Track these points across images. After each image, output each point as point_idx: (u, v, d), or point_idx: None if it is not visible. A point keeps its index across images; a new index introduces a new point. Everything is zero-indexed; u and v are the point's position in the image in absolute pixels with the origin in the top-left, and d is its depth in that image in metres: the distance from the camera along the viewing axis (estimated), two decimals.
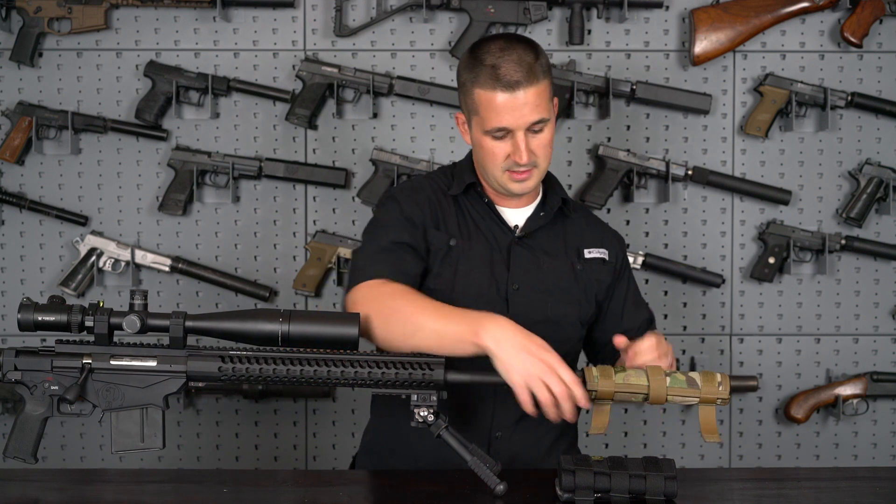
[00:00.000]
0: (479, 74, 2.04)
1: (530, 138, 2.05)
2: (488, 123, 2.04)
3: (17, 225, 3.24)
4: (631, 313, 2.25)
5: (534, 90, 2.02)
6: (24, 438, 1.83)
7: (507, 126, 2.03)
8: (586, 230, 2.23)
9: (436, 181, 2.19)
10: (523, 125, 2.03)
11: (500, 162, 2.07)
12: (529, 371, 1.79)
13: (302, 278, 3.20)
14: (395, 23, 3.23)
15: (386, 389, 1.85)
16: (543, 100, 2.05)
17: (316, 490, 1.96)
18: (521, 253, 2.14)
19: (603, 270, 2.21)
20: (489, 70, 2.02)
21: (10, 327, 3.24)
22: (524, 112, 2.02)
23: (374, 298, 1.95)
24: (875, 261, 3.27)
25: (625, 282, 2.26)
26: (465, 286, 2.09)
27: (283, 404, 3.27)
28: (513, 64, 2.02)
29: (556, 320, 2.13)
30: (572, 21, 3.16)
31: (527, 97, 2.02)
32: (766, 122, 3.19)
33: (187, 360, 1.82)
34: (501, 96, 2.02)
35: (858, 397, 3.22)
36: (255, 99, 3.22)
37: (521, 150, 2.04)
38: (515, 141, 2.04)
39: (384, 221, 2.13)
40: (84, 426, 3.23)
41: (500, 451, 2.09)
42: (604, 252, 2.22)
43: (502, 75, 2.01)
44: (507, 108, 2.02)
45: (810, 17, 3.23)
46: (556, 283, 2.15)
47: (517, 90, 2.01)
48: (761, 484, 2.06)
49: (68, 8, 3.15)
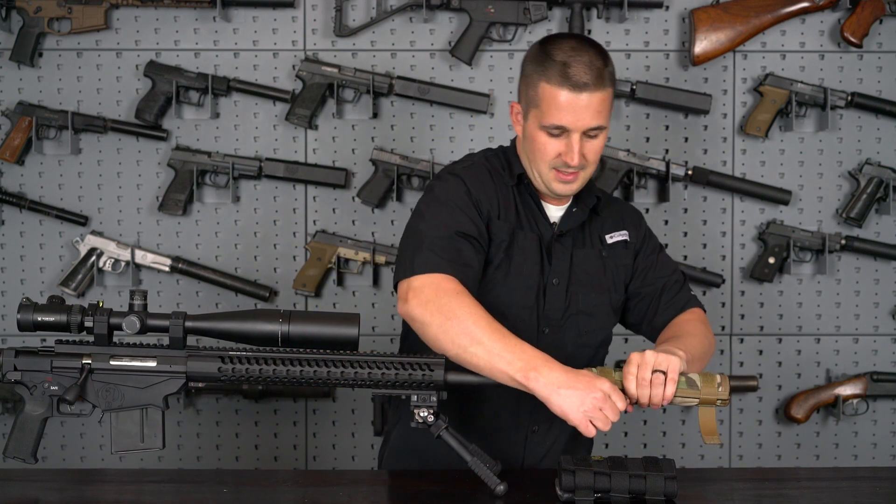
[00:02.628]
0: (548, 69, 2.02)
1: (584, 142, 2.03)
2: (547, 119, 2.02)
3: (17, 225, 3.24)
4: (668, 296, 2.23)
5: (599, 96, 2.01)
6: (24, 438, 1.83)
7: (565, 125, 2.01)
8: (606, 215, 2.23)
9: (494, 166, 2.15)
10: (581, 127, 2.02)
11: (550, 159, 2.05)
12: (586, 408, 1.82)
13: (302, 278, 3.20)
14: (395, 23, 3.23)
15: (386, 390, 1.85)
16: (605, 107, 2.03)
17: (316, 490, 1.96)
18: (559, 248, 2.14)
19: (625, 254, 2.21)
20: (559, 67, 2.01)
21: (9, 327, 3.24)
22: (585, 115, 2.01)
23: (437, 295, 1.92)
24: (875, 261, 3.27)
25: (653, 255, 2.24)
26: (517, 279, 2.09)
27: (283, 404, 3.27)
28: (583, 65, 2.00)
29: (589, 311, 2.15)
30: (572, 21, 3.16)
31: (591, 101, 2.00)
32: (766, 122, 3.19)
33: (187, 360, 1.82)
34: (567, 95, 2.00)
35: (858, 397, 3.22)
36: (255, 99, 3.22)
37: (574, 151, 2.02)
38: (570, 141, 2.03)
39: (449, 200, 2.05)
40: (84, 426, 3.23)
41: (535, 445, 2.13)
42: (624, 234, 2.22)
43: (572, 74, 2.00)
44: (569, 107, 2.00)
45: (810, 17, 3.23)
46: (588, 274, 2.15)
47: (583, 92, 1.99)
48: (761, 484, 2.06)
49: (68, 8, 3.15)
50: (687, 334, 2.10)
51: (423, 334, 1.93)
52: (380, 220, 3.25)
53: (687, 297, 2.24)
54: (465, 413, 2.11)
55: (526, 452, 2.14)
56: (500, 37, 3.19)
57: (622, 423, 3.26)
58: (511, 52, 3.22)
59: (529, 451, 2.14)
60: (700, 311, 2.24)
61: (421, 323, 1.91)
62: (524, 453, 2.14)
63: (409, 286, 1.95)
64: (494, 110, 3.23)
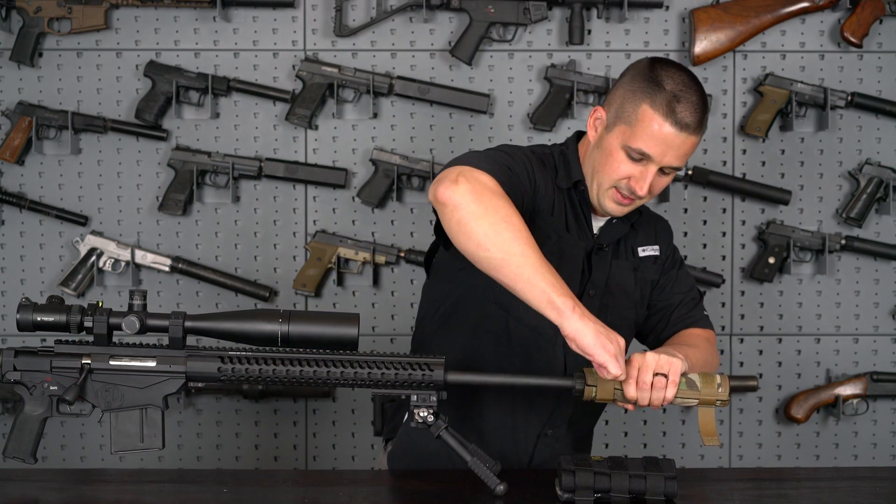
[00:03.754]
0: (657, 95, 1.96)
1: (658, 176, 2.00)
2: (636, 142, 1.97)
3: (17, 225, 3.24)
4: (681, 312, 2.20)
5: (692, 140, 1.98)
6: (24, 438, 1.83)
7: (651, 155, 1.97)
8: (640, 227, 2.19)
9: (546, 163, 2.09)
10: (665, 163, 1.98)
11: (617, 178, 2.01)
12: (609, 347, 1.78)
13: (302, 278, 3.20)
14: (395, 23, 3.23)
15: (386, 390, 1.85)
16: (691, 151, 2.01)
17: (316, 490, 1.96)
18: (598, 260, 2.11)
19: (654, 269, 2.18)
20: (669, 97, 1.95)
21: (9, 327, 3.24)
22: (672, 154, 1.97)
23: (493, 196, 1.82)
24: (875, 261, 3.27)
25: (674, 270, 2.22)
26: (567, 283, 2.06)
27: (283, 404, 3.27)
28: (692, 106, 1.96)
29: (616, 325, 2.06)
30: (572, 21, 3.16)
31: (684, 142, 1.97)
32: (766, 122, 3.19)
33: (187, 360, 1.82)
34: (667, 128, 1.95)
35: (858, 397, 3.22)
36: (255, 99, 3.22)
37: (646, 182, 1.98)
38: (645, 171, 1.98)
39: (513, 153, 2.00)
40: (84, 426, 3.23)
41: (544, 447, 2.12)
42: (656, 249, 2.19)
43: (679, 111, 1.95)
44: (663, 141, 1.96)
45: (810, 17, 3.23)
46: (620, 287, 2.13)
47: (682, 131, 1.95)
48: (761, 484, 2.06)
49: (68, 8, 3.15)
50: (691, 346, 2.08)
51: (464, 224, 1.81)
52: (380, 220, 3.25)
53: (699, 316, 2.21)
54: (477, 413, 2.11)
55: (535, 452, 2.14)
56: (500, 37, 3.19)
57: (622, 423, 3.27)
58: (511, 52, 3.22)
59: (539, 451, 2.14)
60: (710, 332, 2.20)
61: (470, 213, 1.80)
62: (534, 452, 2.14)
63: (460, 172, 1.84)
64: (494, 110, 3.23)
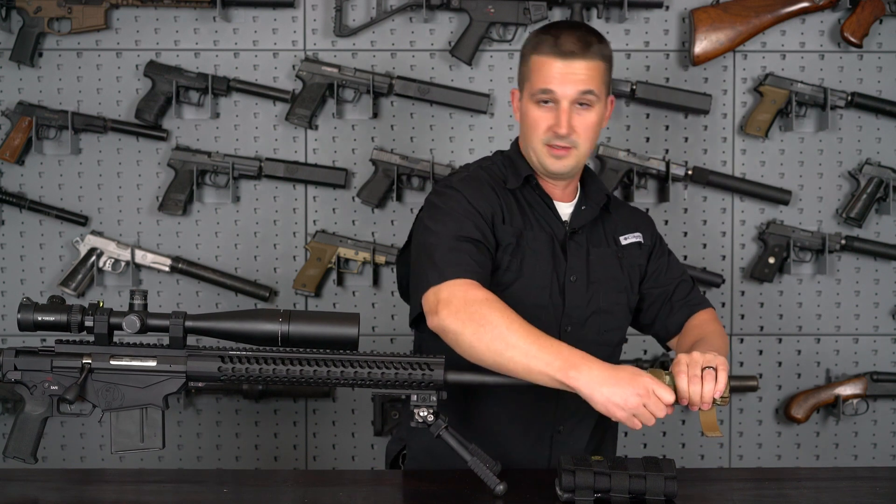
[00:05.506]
0: (540, 43, 2.08)
1: (575, 113, 2.06)
2: (536, 85, 2.06)
3: (17, 225, 3.24)
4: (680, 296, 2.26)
5: (587, 64, 2.05)
6: (24, 438, 1.83)
7: (552, 89, 2.05)
8: (618, 217, 2.26)
9: (492, 173, 2.17)
10: (569, 95, 2.05)
11: (542, 133, 2.08)
12: (630, 404, 1.81)
13: (302, 278, 3.20)
14: (395, 23, 3.23)
15: (386, 389, 1.85)
16: (595, 78, 2.06)
17: (316, 490, 1.96)
18: (574, 246, 2.15)
19: (640, 255, 2.24)
20: (550, 39, 2.07)
21: (10, 327, 3.24)
22: (572, 81, 2.04)
23: (467, 304, 1.90)
24: (875, 261, 3.27)
25: (664, 257, 2.29)
26: (531, 278, 2.09)
27: (283, 404, 3.27)
28: (573, 37, 2.06)
29: (608, 309, 2.16)
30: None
31: (578, 68, 2.05)
32: (766, 122, 3.19)
33: (187, 360, 1.82)
34: (554, 62, 2.05)
35: (858, 397, 3.22)
36: (255, 99, 3.22)
37: (563, 120, 2.05)
38: (559, 111, 2.06)
39: (451, 210, 2.06)
40: (84, 426, 3.23)
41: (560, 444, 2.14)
42: (638, 236, 2.25)
43: (560, 43, 2.05)
44: (557, 73, 2.05)
45: (810, 17, 3.23)
46: (605, 273, 2.17)
47: (571, 59, 2.04)
48: (761, 484, 2.06)
49: (68, 8, 3.15)
50: (710, 335, 2.14)
51: (456, 344, 1.90)
52: (380, 220, 3.25)
53: (699, 298, 2.28)
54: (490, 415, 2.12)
55: (552, 452, 2.14)
56: (500, 37, 3.19)
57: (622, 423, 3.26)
58: (511, 52, 3.22)
59: (556, 450, 2.14)
60: (712, 310, 2.27)
61: (454, 333, 1.89)
62: (550, 453, 2.15)
63: (436, 298, 1.93)
64: (494, 110, 3.23)
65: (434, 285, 1.95)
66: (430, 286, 1.95)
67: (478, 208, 2.06)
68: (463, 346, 1.89)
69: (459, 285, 1.93)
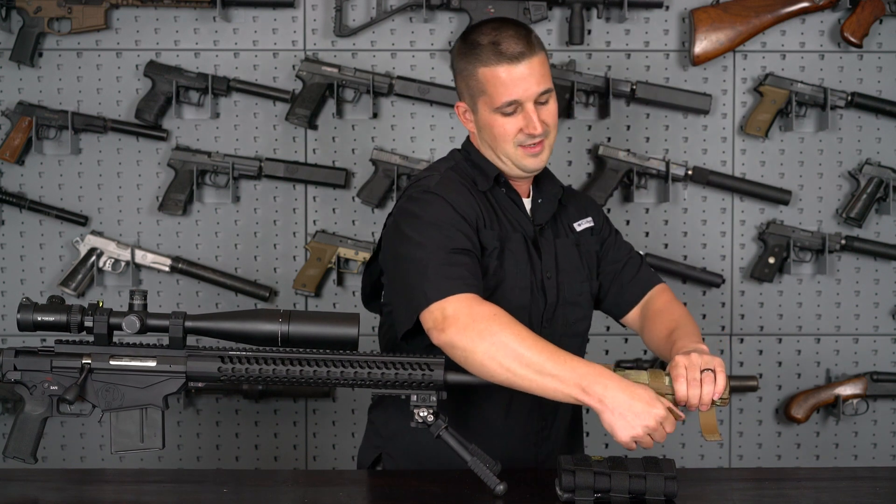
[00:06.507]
0: (481, 54, 2.05)
1: (539, 109, 2.06)
2: (498, 99, 2.05)
3: (17, 225, 3.24)
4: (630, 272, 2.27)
5: (536, 60, 2.05)
6: (24, 438, 1.83)
7: (517, 98, 2.04)
8: (570, 204, 2.26)
9: (461, 174, 2.14)
10: (532, 95, 2.05)
11: (513, 138, 2.07)
12: (636, 431, 1.81)
13: (302, 278, 3.20)
14: (395, 23, 3.23)
15: (386, 390, 1.85)
16: (545, 70, 2.07)
17: (316, 490, 1.96)
18: (544, 241, 2.15)
19: (593, 241, 2.25)
20: (490, 47, 2.04)
21: (9, 327, 3.24)
22: (531, 83, 2.04)
23: (475, 320, 1.88)
24: (875, 261, 3.27)
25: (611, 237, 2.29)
26: (514, 279, 2.08)
27: (283, 404, 3.27)
28: (511, 38, 2.04)
29: (574, 300, 2.16)
30: (572, 21, 3.16)
31: (531, 67, 2.04)
32: (766, 122, 3.19)
33: (187, 360, 1.82)
34: (507, 69, 2.03)
35: (858, 397, 3.22)
36: (255, 99, 3.22)
37: (534, 120, 2.05)
38: (526, 113, 2.05)
39: (435, 220, 2.02)
40: (84, 426, 3.23)
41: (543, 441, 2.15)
42: (589, 221, 2.25)
43: (505, 49, 2.03)
44: (514, 80, 2.03)
45: (810, 17, 3.23)
46: (570, 264, 2.17)
47: (521, 61, 2.03)
48: (761, 484, 2.06)
49: (68, 8, 3.15)
50: (681, 321, 2.14)
51: (466, 361, 1.87)
52: (380, 220, 3.24)
53: (649, 274, 2.28)
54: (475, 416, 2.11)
55: (538, 450, 2.14)
56: None
57: None
58: None
59: (540, 449, 2.14)
60: (665, 286, 2.28)
61: (463, 350, 1.86)
62: (535, 451, 2.15)
63: (443, 315, 1.89)
64: None
65: (435, 301, 1.91)
66: (432, 302, 1.92)
67: (464, 215, 2.04)
68: (473, 364, 1.87)
69: (463, 300, 1.91)
